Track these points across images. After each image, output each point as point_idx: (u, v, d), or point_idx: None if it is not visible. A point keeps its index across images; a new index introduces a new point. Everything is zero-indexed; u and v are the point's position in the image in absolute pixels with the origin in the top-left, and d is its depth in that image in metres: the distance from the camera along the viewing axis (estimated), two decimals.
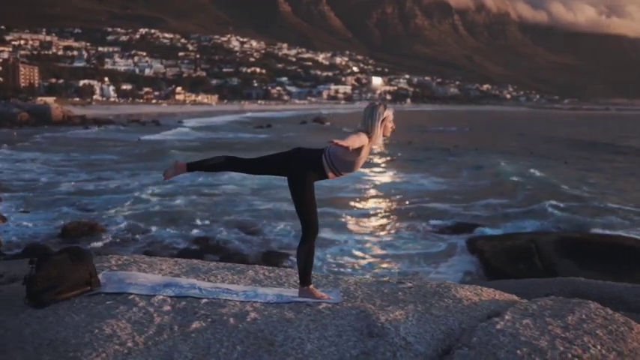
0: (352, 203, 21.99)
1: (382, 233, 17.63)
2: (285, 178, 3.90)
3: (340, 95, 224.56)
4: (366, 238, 17.09)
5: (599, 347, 2.92)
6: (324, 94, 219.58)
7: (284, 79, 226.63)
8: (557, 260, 13.43)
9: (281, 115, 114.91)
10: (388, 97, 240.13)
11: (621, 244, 13.93)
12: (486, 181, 27.71)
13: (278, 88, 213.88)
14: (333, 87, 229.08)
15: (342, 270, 13.76)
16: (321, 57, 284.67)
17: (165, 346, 2.93)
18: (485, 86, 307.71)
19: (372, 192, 24.69)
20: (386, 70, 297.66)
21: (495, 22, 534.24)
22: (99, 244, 15.40)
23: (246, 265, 4.50)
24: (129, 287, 3.64)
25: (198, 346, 2.94)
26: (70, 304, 3.37)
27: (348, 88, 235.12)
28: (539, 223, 18.91)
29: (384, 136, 3.84)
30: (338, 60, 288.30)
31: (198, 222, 18.28)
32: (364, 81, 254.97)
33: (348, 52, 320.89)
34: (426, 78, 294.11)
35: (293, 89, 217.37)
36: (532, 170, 30.14)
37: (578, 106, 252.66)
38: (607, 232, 16.98)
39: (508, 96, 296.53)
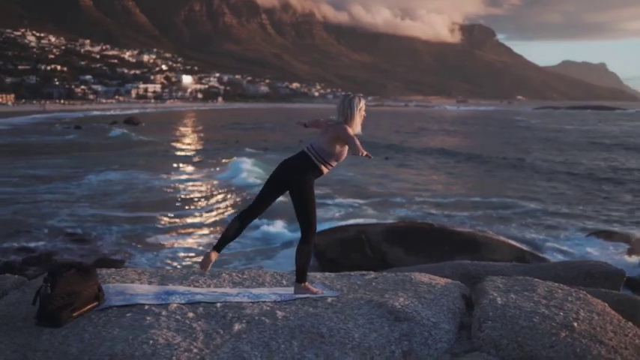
0: (179, 205, 21.82)
1: (213, 232, 17.81)
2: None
3: (150, 94, 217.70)
4: (197, 239, 17.14)
5: (582, 311, 3.51)
6: (133, 93, 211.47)
7: (88, 77, 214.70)
8: (386, 249, 14.46)
9: (87, 115, 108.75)
10: (199, 95, 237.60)
11: (431, 229, 15.31)
12: None
13: (82, 86, 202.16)
14: (141, 85, 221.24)
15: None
16: (127, 54, 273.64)
17: (227, 348, 3.04)
18: (295, 84, 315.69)
19: (201, 193, 24.61)
20: (196, 68, 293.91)
21: (302, 22, 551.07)
22: None
23: (217, 270, 4.58)
24: (135, 298, 3.64)
25: (257, 346, 3.09)
26: (90, 320, 3.34)
27: (157, 87, 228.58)
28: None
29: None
30: (146, 58, 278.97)
31: (19, 232, 17.18)
32: (174, 79, 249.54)
33: (155, 50, 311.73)
34: (237, 76, 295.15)
35: (99, 88, 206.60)
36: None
37: (381, 103, 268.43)
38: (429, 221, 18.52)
39: (316, 93, 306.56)
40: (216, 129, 72.53)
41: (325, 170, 4.05)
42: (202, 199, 23.01)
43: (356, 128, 4.05)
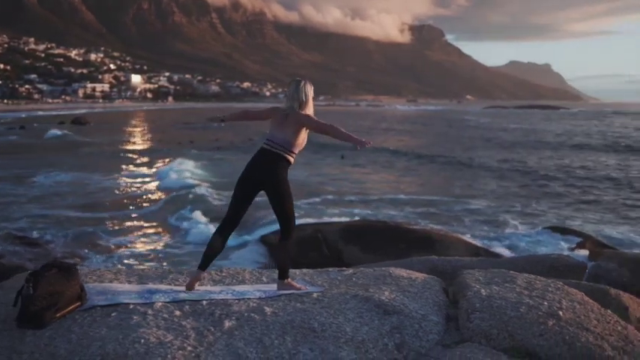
0: (127, 206, 21.52)
1: (161, 234, 17.61)
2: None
3: (98, 94, 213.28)
4: (146, 240, 16.88)
5: (564, 301, 3.62)
6: (80, 93, 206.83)
7: (33, 76, 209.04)
8: (342, 247, 14.59)
9: (30, 115, 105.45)
10: (149, 95, 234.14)
11: (386, 227, 15.47)
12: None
13: (27, 86, 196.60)
14: (89, 85, 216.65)
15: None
16: (73, 53, 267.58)
17: (221, 345, 3.03)
18: (246, 84, 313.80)
19: (148, 193, 24.30)
20: (145, 67, 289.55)
21: (252, 21, 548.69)
22: None
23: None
24: (118, 298, 3.58)
25: (251, 342, 3.08)
26: (74, 321, 3.27)
27: (105, 87, 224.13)
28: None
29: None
30: (93, 56, 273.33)
31: None
32: (123, 79, 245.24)
33: (103, 49, 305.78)
34: (187, 76, 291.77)
35: (44, 87, 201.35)
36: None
37: (333, 103, 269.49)
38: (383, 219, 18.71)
39: (267, 93, 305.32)
40: (166, 129, 71.53)
41: (292, 160, 4.03)
42: (149, 200, 22.73)
43: (309, 113, 4.06)
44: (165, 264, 14.39)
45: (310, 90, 4.10)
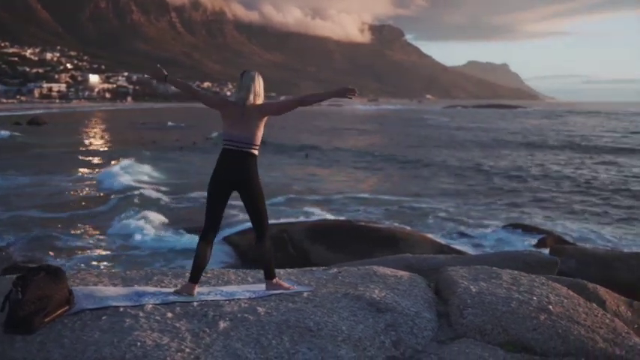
0: (84, 208, 21.24)
1: (119, 236, 17.26)
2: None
3: (54, 94, 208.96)
4: (104, 242, 16.59)
5: (552, 295, 3.73)
6: (36, 93, 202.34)
7: None
8: (308, 247, 14.64)
9: None
10: (108, 95, 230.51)
11: (351, 227, 15.44)
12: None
13: None
14: (45, 85, 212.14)
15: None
16: (28, 52, 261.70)
17: (219, 346, 3.02)
18: (206, 83, 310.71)
19: (101, 195, 23.97)
20: (103, 67, 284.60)
21: (213, 21, 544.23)
22: None
23: (180, 270, 4.55)
24: (107, 301, 3.54)
25: (248, 342, 3.09)
26: (64, 325, 3.22)
27: (62, 86, 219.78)
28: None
29: None
30: (49, 56, 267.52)
31: None
32: (80, 78, 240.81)
33: (59, 48, 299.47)
34: (146, 75, 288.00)
35: None
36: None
37: None
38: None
39: (229, 93, 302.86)
40: (124, 130, 70.40)
41: (257, 153, 4.01)
42: (105, 202, 22.40)
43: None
44: (127, 271, 14.17)
45: (262, 81, 4.10)
